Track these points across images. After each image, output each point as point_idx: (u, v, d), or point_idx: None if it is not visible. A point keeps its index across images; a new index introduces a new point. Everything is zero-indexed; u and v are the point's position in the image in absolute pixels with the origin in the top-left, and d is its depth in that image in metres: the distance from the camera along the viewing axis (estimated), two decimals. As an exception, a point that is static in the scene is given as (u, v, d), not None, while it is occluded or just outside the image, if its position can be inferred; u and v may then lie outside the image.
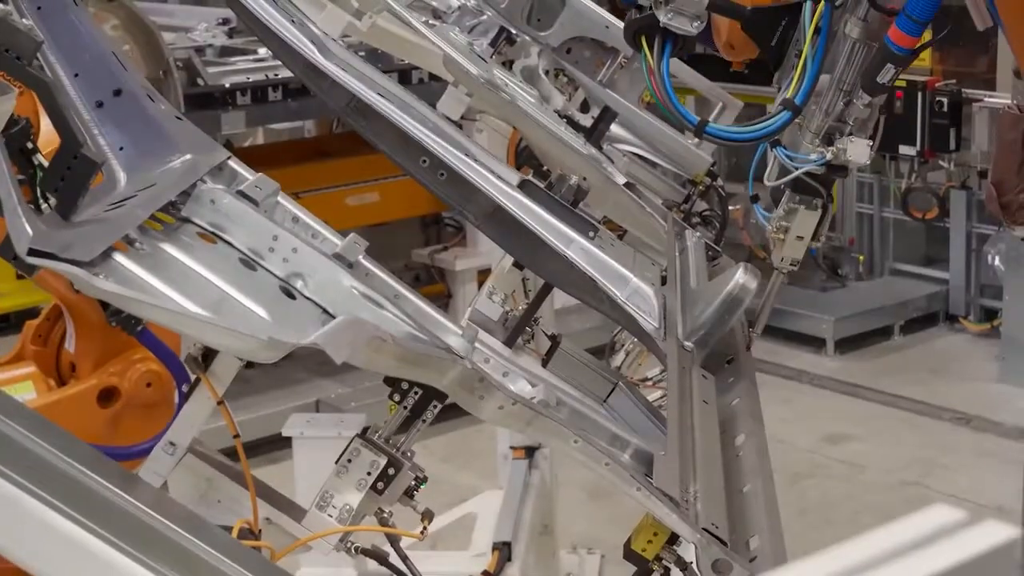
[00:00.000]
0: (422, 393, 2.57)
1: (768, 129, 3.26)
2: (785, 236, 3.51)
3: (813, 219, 3.46)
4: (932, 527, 0.80)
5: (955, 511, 0.81)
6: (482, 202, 3.24)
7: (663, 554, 2.65)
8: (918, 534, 0.79)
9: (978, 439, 7.36)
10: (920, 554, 0.78)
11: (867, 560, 0.78)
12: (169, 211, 2.42)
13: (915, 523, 0.80)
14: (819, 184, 3.42)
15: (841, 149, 3.28)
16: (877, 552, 0.79)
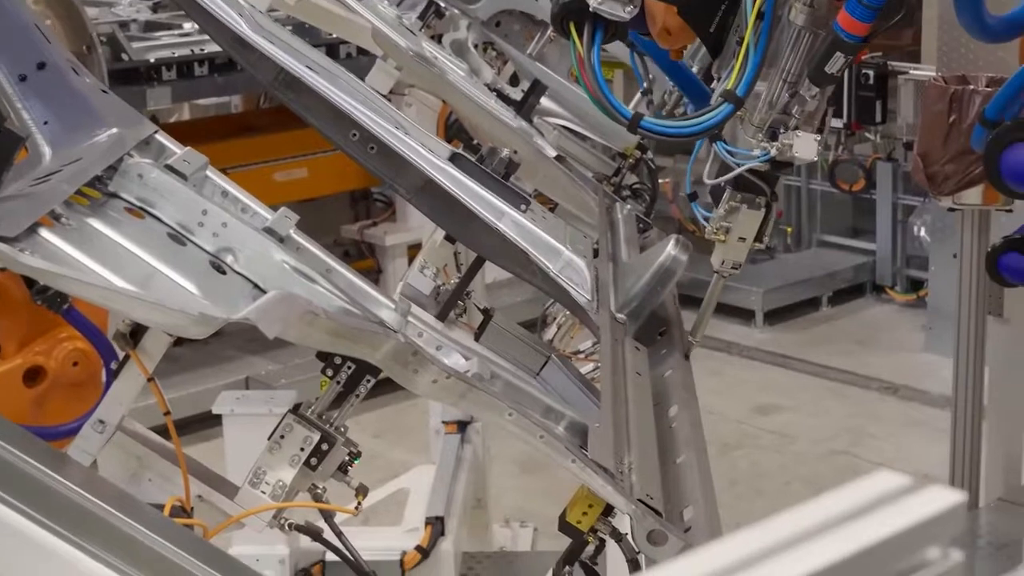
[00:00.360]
0: (355, 368, 2.55)
1: (708, 123, 3.02)
2: (726, 237, 3.28)
3: (756, 219, 3.23)
4: (876, 493, 0.80)
5: (899, 477, 0.81)
6: (413, 176, 3.22)
7: (598, 526, 2.65)
8: (863, 500, 0.79)
9: (905, 408, 7.43)
10: (865, 520, 0.78)
11: (812, 527, 0.78)
12: (96, 186, 2.38)
13: (859, 489, 0.80)
14: (763, 182, 3.18)
15: (786, 144, 3.04)
16: (821, 519, 0.78)
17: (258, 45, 3.11)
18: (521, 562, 5.00)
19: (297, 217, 2.58)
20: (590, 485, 2.52)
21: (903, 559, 0.80)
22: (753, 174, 3.14)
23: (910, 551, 0.80)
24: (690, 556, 0.74)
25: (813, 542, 0.77)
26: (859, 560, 0.76)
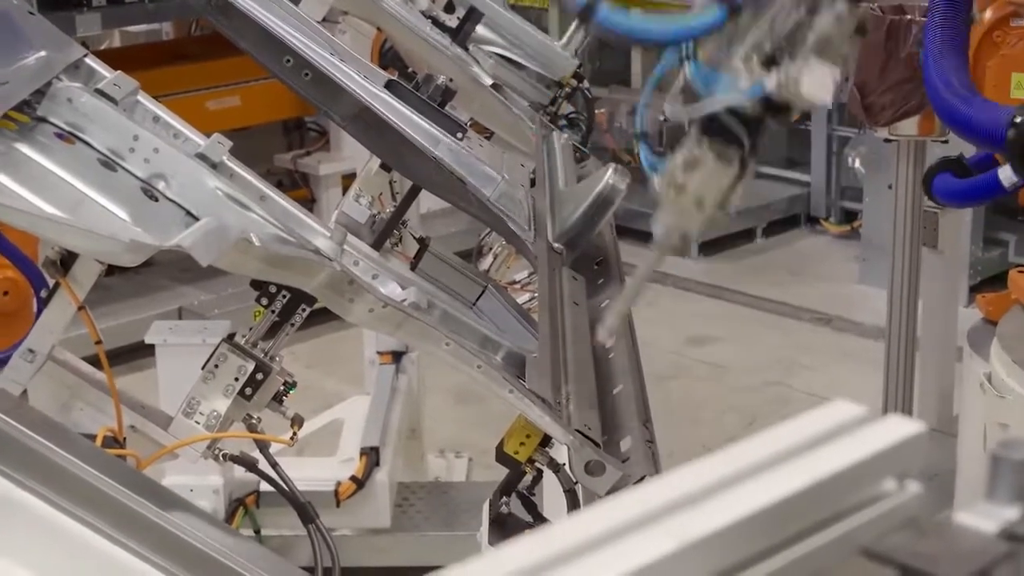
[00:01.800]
0: (290, 296, 2.52)
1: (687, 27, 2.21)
2: (678, 197, 2.28)
3: (725, 178, 2.23)
4: (835, 423, 0.78)
5: (857, 407, 0.79)
6: (348, 103, 3.19)
7: (536, 456, 2.64)
8: (820, 430, 0.77)
9: (838, 339, 7.48)
10: (823, 451, 0.76)
11: (770, 457, 0.76)
12: (24, 110, 2.33)
13: (817, 419, 0.78)
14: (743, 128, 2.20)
15: (791, 78, 2.10)
16: (779, 449, 0.77)
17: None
18: (456, 492, 4.99)
19: (230, 143, 2.53)
20: (528, 415, 2.51)
21: (861, 490, 0.78)
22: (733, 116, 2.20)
23: (868, 482, 0.78)
24: (648, 486, 0.72)
25: (771, 472, 0.75)
26: (816, 491, 0.75)
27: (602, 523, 0.69)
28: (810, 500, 0.75)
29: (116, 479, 1.98)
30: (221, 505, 4.12)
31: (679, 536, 0.69)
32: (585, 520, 0.69)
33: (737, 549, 0.73)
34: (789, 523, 0.74)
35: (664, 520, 0.70)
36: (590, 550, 0.68)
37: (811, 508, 0.76)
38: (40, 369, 2.47)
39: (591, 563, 0.68)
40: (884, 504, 0.79)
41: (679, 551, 0.69)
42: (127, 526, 1.93)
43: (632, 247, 8.47)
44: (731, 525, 0.71)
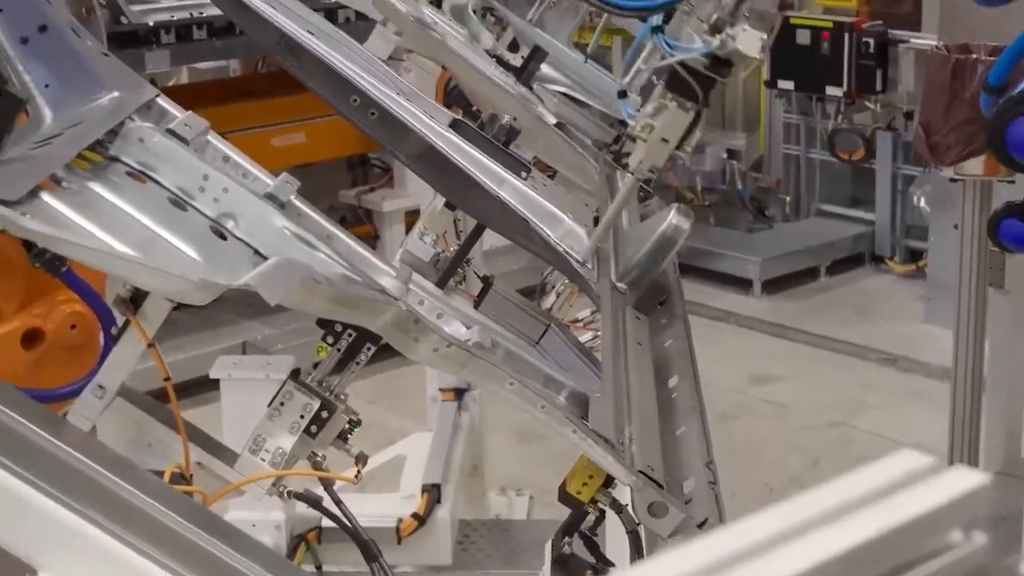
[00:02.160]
0: (356, 335, 2.54)
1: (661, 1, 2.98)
2: (648, 137, 3.07)
3: (683, 121, 3.03)
4: (901, 472, 0.78)
5: (923, 457, 0.80)
6: (413, 142, 3.21)
7: (598, 496, 2.64)
8: (887, 480, 0.78)
9: (903, 379, 7.42)
10: (889, 501, 0.77)
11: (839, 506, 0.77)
12: (97, 150, 2.36)
13: (884, 468, 0.78)
14: (697, 84, 3.00)
15: (729, 36, 2.89)
16: (845, 499, 0.77)
17: (259, 9, 3.09)
18: (517, 530, 4.99)
19: (298, 183, 2.56)
20: (591, 456, 2.51)
21: (927, 542, 0.78)
22: (690, 74, 2.98)
23: (934, 534, 0.79)
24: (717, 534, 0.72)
25: (837, 523, 0.76)
26: (883, 542, 0.75)
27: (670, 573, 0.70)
28: (877, 551, 0.76)
29: (184, 516, 2.00)
30: (283, 541, 4.15)
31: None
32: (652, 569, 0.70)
33: (803, 599, 0.73)
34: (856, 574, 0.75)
35: (732, 570, 0.71)
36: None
37: (878, 559, 0.76)
38: (109, 405, 2.50)
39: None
40: (951, 555, 0.79)
41: (746, 601, 0.69)
42: (193, 562, 1.95)
43: (696, 285, 8.50)
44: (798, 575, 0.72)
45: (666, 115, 3.02)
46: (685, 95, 3.01)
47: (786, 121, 9.48)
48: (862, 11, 8.90)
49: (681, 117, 3.02)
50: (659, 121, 3.03)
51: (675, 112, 3.02)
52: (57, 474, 1.95)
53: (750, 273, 8.72)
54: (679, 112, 3.02)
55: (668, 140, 3.05)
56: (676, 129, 3.04)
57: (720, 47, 2.90)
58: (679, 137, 3.06)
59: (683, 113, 3.02)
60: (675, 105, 3.01)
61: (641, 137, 3.07)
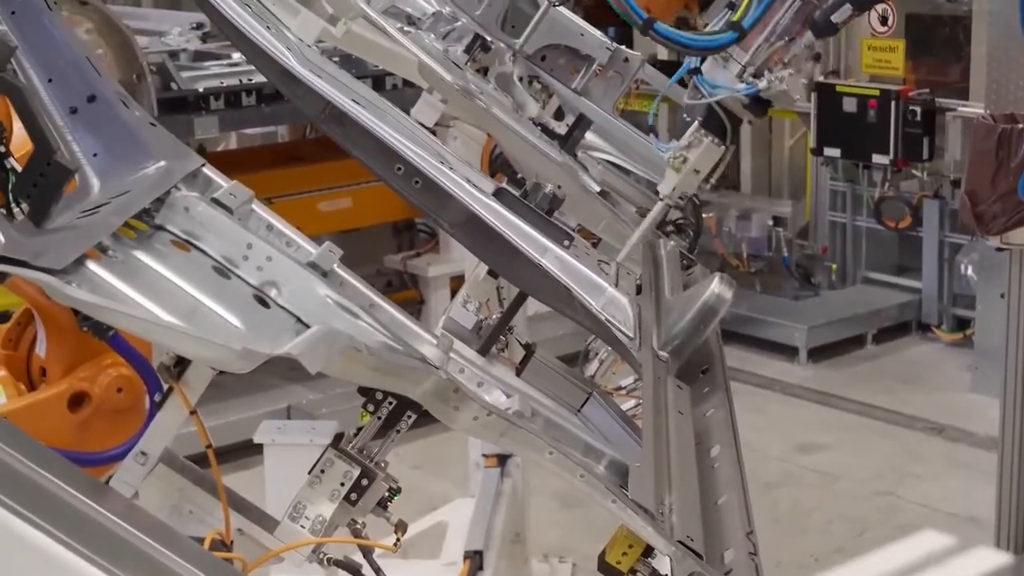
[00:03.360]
0: (396, 403, 2.55)
1: (712, 43, 3.30)
2: (682, 166, 3.50)
3: (715, 155, 3.45)
4: (923, 552, 0.78)
5: (945, 537, 0.80)
6: (456, 210, 3.22)
7: (638, 566, 2.63)
8: (910, 559, 0.78)
9: (950, 449, 7.37)
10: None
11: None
12: (143, 218, 2.39)
13: (906, 548, 0.79)
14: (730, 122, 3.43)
15: (778, 78, 3.31)
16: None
17: (305, 79, 3.12)
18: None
19: (341, 252, 2.58)
20: (630, 525, 2.51)
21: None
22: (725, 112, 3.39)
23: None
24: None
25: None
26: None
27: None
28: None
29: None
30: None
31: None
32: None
33: None
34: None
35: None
36: None
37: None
38: (151, 471, 2.51)
39: None
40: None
41: None
42: (232, 629, 1.95)
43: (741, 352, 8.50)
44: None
45: (702, 148, 3.45)
46: (717, 133, 3.43)
47: (832, 188, 9.48)
48: (909, 79, 8.91)
49: (714, 152, 3.45)
50: (693, 154, 3.46)
51: (708, 146, 3.45)
52: (99, 540, 1.97)
53: (796, 341, 8.70)
54: (712, 147, 3.45)
55: (700, 171, 3.48)
56: (708, 162, 3.46)
57: (767, 89, 3.30)
58: (709, 168, 3.49)
59: (716, 148, 3.44)
60: (708, 140, 3.44)
61: (674, 167, 3.50)
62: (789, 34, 3.33)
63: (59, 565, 1.93)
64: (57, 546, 1.93)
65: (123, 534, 2.02)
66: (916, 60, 9.15)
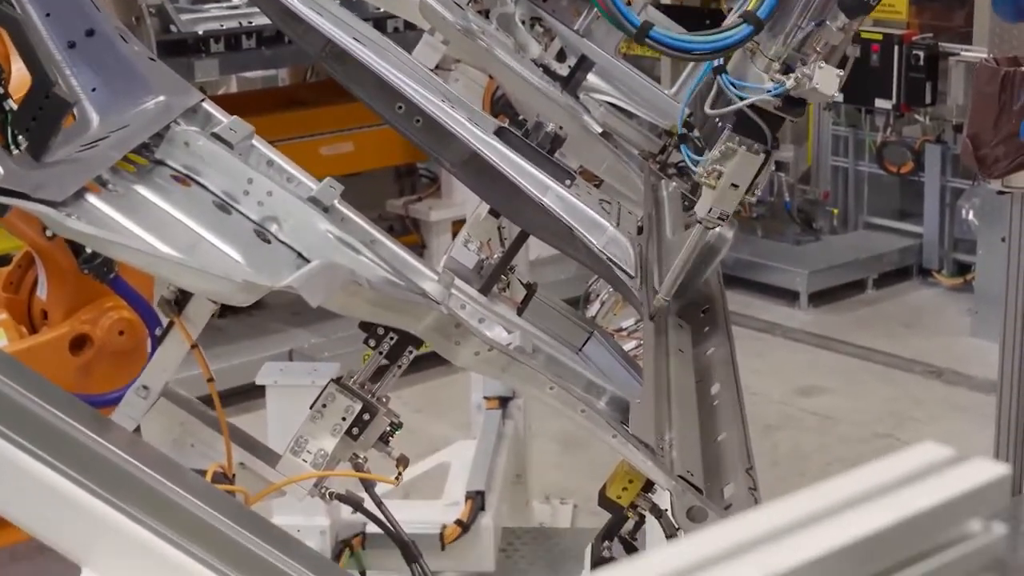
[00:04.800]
0: (398, 339, 2.55)
1: (723, 42, 2.78)
2: (717, 183, 2.93)
3: (753, 165, 2.90)
4: (920, 464, 0.79)
5: (943, 448, 0.80)
6: (458, 149, 3.22)
7: (638, 501, 2.65)
8: (906, 471, 0.78)
9: (950, 392, 7.38)
10: (907, 491, 0.77)
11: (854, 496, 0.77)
12: (142, 153, 2.39)
13: (903, 460, 0.79)
14: (766, 124, 2.89)
15: (806, 75, 2.77)
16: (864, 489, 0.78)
17: (306, 17, 3.11)
18: (560, 538, 5.00)
19: (342, 187, 2.58)
20: (631, 460, 2.52)
21: (945, 531, 0.79)
22: (758, 114, 2.87)
23: (952, 523, 0.79)
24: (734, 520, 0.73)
25: (855, 511, 0.77)
26: (902, 529, 0.76)
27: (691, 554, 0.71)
28: (896, 538, 0.76)
29: (226, 515, 2.02)
30: (327, 546, 4.17)
31: (765, 569, 0.71)
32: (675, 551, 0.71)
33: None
34: (874, 560, 0.75)
35: (751, 553, 0.71)
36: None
37: (896, 546, 0.77)
38: (153, 405, 2.52)
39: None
40: (969, 545, 0.80)
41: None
42: (235, 560, 1.96)
43: (742, 297, 8.47)
44: (816, 560, 0.72)
45: (736, 159, 2.90)
46: (754, 137, 2.88)
47: (834, 133, 9.45)
48: (912, 24, 8.87)
49: (751, 161, 2.90)
50: (728, 166, 2.90)
51: (744, 156, 2.89)
52: (102, 473, 1.97)
53: (797, 285, 8.69)
54: (748, 156, 2.89)
55: (738, 185, 2.92)
56: (746, 173, 2.91)
57: (795, 87, 2.78)
58: (749, 181, 2.93)
59: (753, 156, 2.89)
60: (744, 149, 2.89)
61: (708, 184, 2.93)
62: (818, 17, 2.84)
63: (61, 497, 1.94)
64: (60, 478, 1.94)
65: (126, 467, 2.03)
66: (919, 5, 9.10)
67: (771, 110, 2.85)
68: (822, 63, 2.78)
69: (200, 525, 2.00)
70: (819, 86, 2.77)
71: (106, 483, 1.95)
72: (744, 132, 2.88)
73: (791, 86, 2.78)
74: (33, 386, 2.05)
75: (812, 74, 2.76)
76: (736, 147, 2.88)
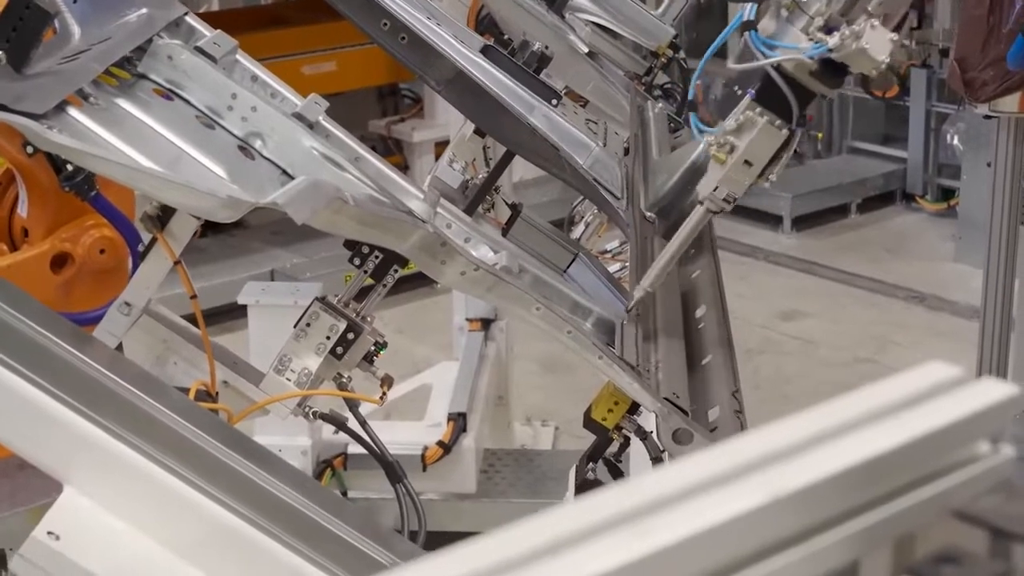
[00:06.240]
0: (383, 257, 2.53)
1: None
2: (727, 157, 2.49)
3: (774, 141, 2.45)
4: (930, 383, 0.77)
5: (952, 368, 0.79)
6: (443, 67, 3.18)
7: (623, 423, 2.64)
8: (913, 390, 0.77)
9: (932, 317, 7.40)
10: (915, 411, 0.76)
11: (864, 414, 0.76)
12: (124, 66, 2.35)
13: (912, 378, 0.77)
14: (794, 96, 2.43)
15: (854, 33, 2.30)
16: (871, 408, 0.76)
17: (290, -70, 3.07)
18: (542, 460, 4.99)
19: (327, 104, 2.55)
20: (616, 382, 2.51)
21: (953, 452, 0.78)
22: (787, 83, 2.42)
23: (960, 444, 0.78)
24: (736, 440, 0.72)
25: (863, 430, 0.75)
26: (908, 450, 0.74)
27: (693, 474, 0.69)
28: (902, 459, 0.75)
29: (210, 433, 2.01)
30: (309, 466, 4.17)
31: (770, 489, 0.69)
32: (676, 471, 0.69)
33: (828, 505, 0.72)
34: (880, 482, 0.74)
35: (756, 473, 0.70)
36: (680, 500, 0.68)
37: (902, 468, 0.75)
38: (136, 322, 2.50)
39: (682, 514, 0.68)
40: (977, 466, 0.78)
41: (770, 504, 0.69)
42: (218, 477, 1.95)
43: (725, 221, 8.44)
44: (822, 481, 0.71)
45: (756, 132, 2.45)
46: (778, 111, 2.43)
47: (819, 57, 9.40)
48: (899, -54, 8.80)
49: (772, 136, 2.45)
50: (743, 139, 2.46)
51: (766, 129, 2.44)
52: (84, 389, 1.96)
53: (780, 210, 8.68)
54: (770, 130, 2.44)
55: (752, 163, 2.48)
56: (764, 151, 2.46)
57: (839, 47, 2.32)
58: (766, 160, 2.48)
59: (775, 131, 2.44)
60: (766, 121, 2.44)
61: (718, 157, 2.50)
62: None
63: (43, 414, 1.92)
64: (42, 395, 1.93)
65: (108, 384, 2.01)
66: (907, -73, 9.05)
67: (804, 79, 2.41)
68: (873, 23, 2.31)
69: (184, 443, 1.99)
70: (869, 47, 2.29)
71: (89, 400, 1.93)
72: (767, 102, 2.43)
73: (834, 44, 2.32)
74: (13, 301, 2.03)
75: (862, 33, 2.30)
76: (758, 118, 2.44)
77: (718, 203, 2.55)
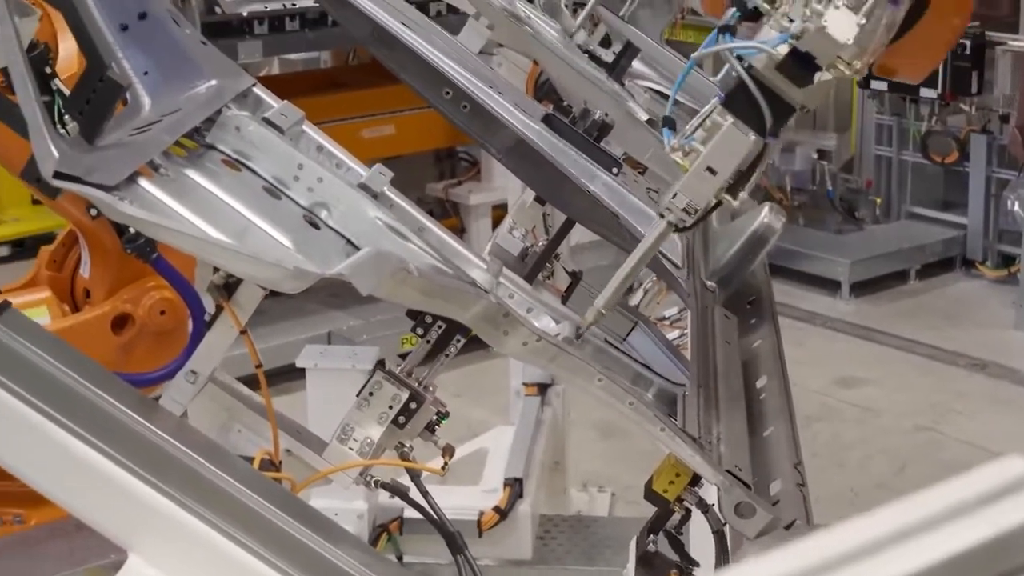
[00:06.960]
0: (446, 327, 2.54)
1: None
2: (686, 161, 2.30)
3: (740, 147, 2.25)
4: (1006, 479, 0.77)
5: None
6: (505, 136, 3.20)
7: (684, 495, 2.63)
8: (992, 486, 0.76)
9: (993, 385, 7.32)
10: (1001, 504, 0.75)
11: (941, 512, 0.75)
12: (194, 137, 2.38)
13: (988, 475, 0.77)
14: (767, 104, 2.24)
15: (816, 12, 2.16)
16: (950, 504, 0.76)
17: (353, 0, 3.10)
18: (598, 527, 4.98)
19: (391, 174, 2.57)
20: (678, 454, 2.50)
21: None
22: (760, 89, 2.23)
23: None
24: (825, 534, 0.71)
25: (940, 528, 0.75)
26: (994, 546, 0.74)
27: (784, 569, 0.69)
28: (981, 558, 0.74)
29: (272, 502, 2.01)
30: (365, 530, 4.17)
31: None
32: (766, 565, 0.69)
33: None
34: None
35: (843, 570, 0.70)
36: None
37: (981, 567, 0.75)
38: (201, 390, 2.52)
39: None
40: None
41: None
42: (280, 547, 1.96)
43: (783, 286, 8.43)
44: None
45: (720, 135, 2.26)
46: (748, 119, 2.25)
47: (878, 122, 9.39)
48: (958, 12, 8.79)
49: (737, 141, 2.25)
50: (708, 144, 2.28)
51: (730, 133, 2.25)
52: (150, 458, 1.97)
53: (838, 275, 8.65)
54: (735, 133, 2.25)
55: (716, 171, 2.27)
56: (729, 156, 2.26)
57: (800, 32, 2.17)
58: (731, 168, 2.27)
59: (740, 136, 2.25)
60: (731, 124, 2.26)
61: (681, 165, 2.31)
62: None
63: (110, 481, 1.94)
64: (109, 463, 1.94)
65: (173, 452, 2.02)
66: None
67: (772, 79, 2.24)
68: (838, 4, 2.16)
69: (246, 512, 1.99)
70: (830, 27, 2.14)
71: (154, 468, 1.94)
72: (735, 107, 2.26)
73: (796, 29, 2.16)
74: (78, 366, 2.04)
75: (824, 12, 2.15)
76: (721, 120, 2.27)
77: (678, 214, 2.34)
